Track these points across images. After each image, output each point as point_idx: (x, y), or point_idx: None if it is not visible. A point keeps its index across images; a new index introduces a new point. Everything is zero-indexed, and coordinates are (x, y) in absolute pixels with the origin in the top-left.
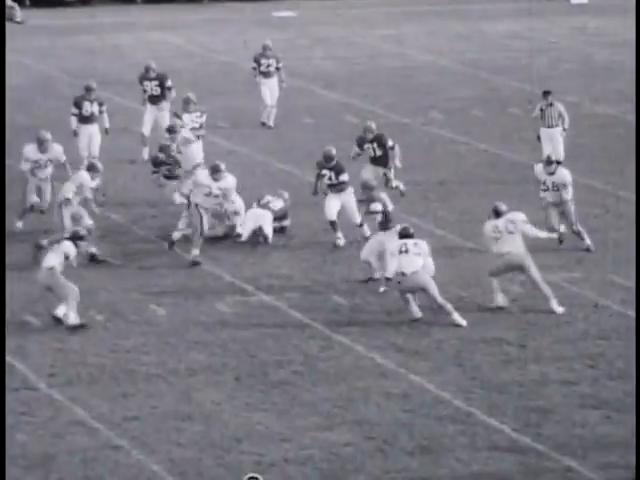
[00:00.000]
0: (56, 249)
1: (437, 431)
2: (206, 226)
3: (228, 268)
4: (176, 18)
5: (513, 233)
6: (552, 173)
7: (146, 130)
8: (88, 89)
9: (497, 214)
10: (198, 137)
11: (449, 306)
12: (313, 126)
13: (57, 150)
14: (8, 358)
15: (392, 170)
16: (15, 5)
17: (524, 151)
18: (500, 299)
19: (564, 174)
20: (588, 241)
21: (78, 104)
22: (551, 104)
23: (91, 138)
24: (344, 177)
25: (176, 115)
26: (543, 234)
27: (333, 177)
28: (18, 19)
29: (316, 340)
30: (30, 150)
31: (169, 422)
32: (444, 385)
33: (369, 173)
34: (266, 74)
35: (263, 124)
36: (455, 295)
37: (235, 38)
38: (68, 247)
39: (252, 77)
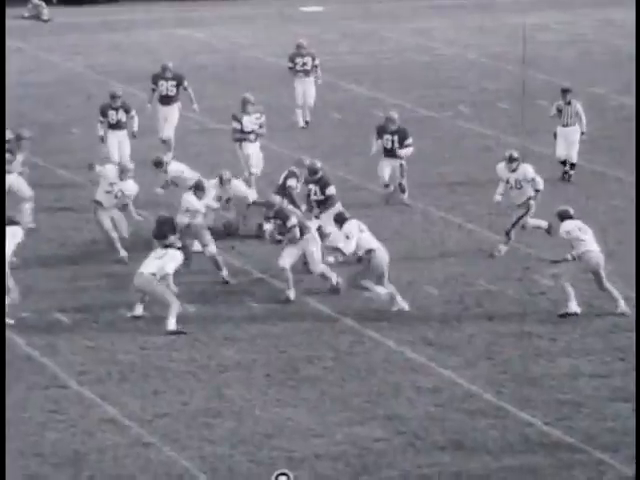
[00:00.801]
0: (162, 256)
1: (468, 425)
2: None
3: (257, 263)
4: (202, 14)
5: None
6: (514, 170)
7: (162, 133)
8: (113, 97)
9: (567, 217)
10: (257, 137)
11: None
12: (340, 121)
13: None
14: (38, 356)
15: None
16: (42, 3)
17: (552, 144)
18: (574, 305)
19: (526, 170)
20: (503, 251)
21: (104, 112)
22: (569, 102)
23: (120, 144)
24: (330, 191)
25: (234, 117)
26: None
27: (318, 192)
28: (45, 17)
29: (346, 335)
30: (110, 169)
31: (200, 419)
32: (475, 379)
33: (387, 169)
34: (301, 73)
35: (300, 125)
36: (485, 289)
37: (261, 33)
38: (176, 256)
39: (277, 72)
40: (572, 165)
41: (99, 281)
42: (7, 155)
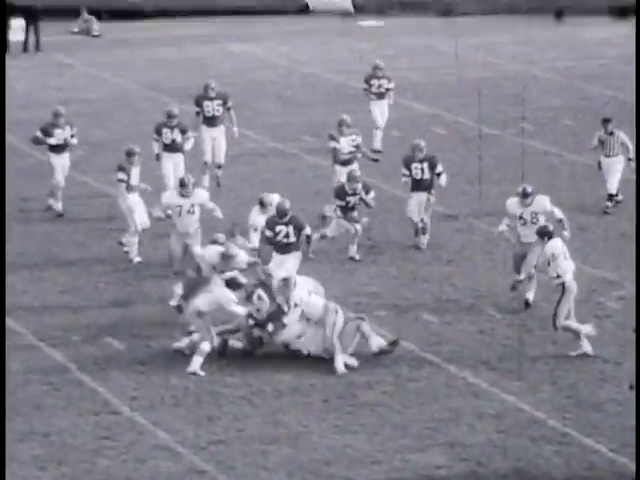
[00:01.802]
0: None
1: (532, 452)
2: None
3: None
4: (258, 29)
5: None
6: (529, 204)
7: (209, 157)
8: (170, 116)
9: (550, 234)
10: (354, 159)
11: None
12: (400, 139)
13: (201, 194)
14: (89, 381)
15: (433, 197)
16: (92, 18)
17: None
18: (586, 345)
19: (544, 200)
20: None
21: (159, 131)
22: (611, 133)
23: (175, 167)
24: (307, 232)
25: (332, 137)
26: None
27: (291, 234)
28: (95, 32)
29: (406, 360)
30: (170, 195)
31: (255, 445)
32: (538, 404)
33: (414, 205)
34: (377, 95)
35: (374, 151)
36: (548, 312)
37: (319, 49)
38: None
39: (336, 89)
40: (611, 196)
41: (152, 305)
42: (120, 174)
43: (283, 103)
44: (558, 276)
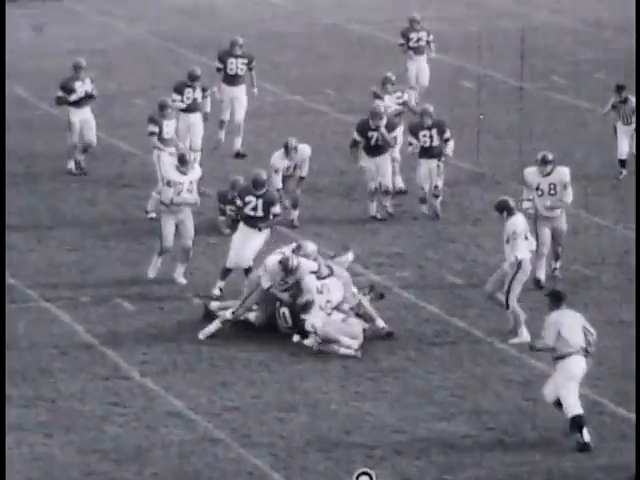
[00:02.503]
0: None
1: (561, 421)
2: None
3: (333, 246)
4: None
5: None
6: (548, 174)
7: (227, 116)
8: (193, 77)
9: (512, 210)
10: (400, 117)
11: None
12: (425, 92)
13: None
14: (98, 344)
15: (443, 163)
16: None
17: None
18: (525, 332)
19: (563, 172)
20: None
21: (180, 90)
22: (625, 100)
23: (192, 128)
24: (276, 210)
25: (376, 95)
26: None
27: (259, 208)
28: None
29: (430, 324)
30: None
31: (272, 413)
32: None
33: (425, 173)
34: (416, 50)
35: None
36: (580, 274)
37: None
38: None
39: (359, 41)
40: (622, 162)
41: (164, 264)
42: (150, 126)
43: (302, 55)
44: (517, 258)
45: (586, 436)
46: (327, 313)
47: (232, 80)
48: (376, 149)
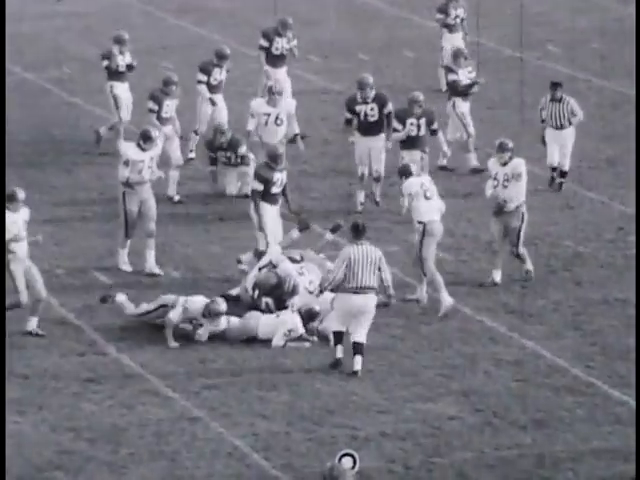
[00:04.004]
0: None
1: (553, 403)
2: None
3: (318, 219)
4: None
5: None
6: (505, 163)
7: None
8: (222, 56)
9: (409, 173)
10: (469, 93)
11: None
12: (413, 60)
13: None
14: (73, 319)
15: (427, 155)
16: None
17: None
18: (446, 297)
19: (518, 163)
20: (529, 265)
21: (207, 71)
22: (560, 99)
23: (216, 109)
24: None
25: (450, 69)
26: None
27: (283, 181)
28: None
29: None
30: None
31: (253, 391)
32: (561, 351)
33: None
34: (450, 28)
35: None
36: (573, 251)
37: None
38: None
39: (347, 4)
40: (563, 173)
41: (142, 236)
42: (149, 103)
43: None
44: (419, 221)
45: (339, 352)
46: (314, 293)
47: (276, 60)
48: (369, 127)
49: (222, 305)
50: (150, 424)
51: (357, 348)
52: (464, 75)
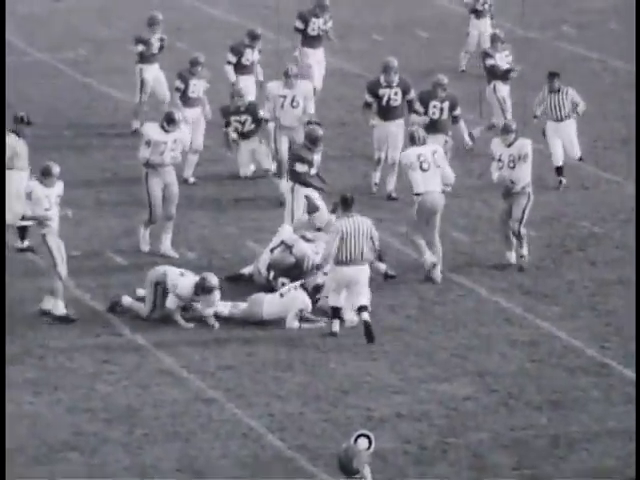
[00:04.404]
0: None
1: (568, 383)
2: None
3: (332, 199)
4: None
5: None
6: (510, 144)
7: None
8: (254, 37)
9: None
10: (509, 77)
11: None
12: (428, 40)
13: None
14: (88, 299)
15: (451, 139)
16: None
17: None
18: (429, 256)
19: (524, 143)
20: (525, 250)
21: (238, 50)
22: (558, 90)
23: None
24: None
25: (487, 54)
26: None
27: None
28: None
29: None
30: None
31: (268, 372)
32: (576, 332)
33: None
34: (478, 14)
35: (463, 71)
36: (588, 231)
37: None
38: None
39: None
40: (558, 169)
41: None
42: (177, 82)
43: (301, 0)
44: (417, 194)
45: (335, 326)
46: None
47: (314, 42)
48: (389, 112)
49: (213, 279)
50: (165, 405)
51: (362, 308)
52: (501, 59)
